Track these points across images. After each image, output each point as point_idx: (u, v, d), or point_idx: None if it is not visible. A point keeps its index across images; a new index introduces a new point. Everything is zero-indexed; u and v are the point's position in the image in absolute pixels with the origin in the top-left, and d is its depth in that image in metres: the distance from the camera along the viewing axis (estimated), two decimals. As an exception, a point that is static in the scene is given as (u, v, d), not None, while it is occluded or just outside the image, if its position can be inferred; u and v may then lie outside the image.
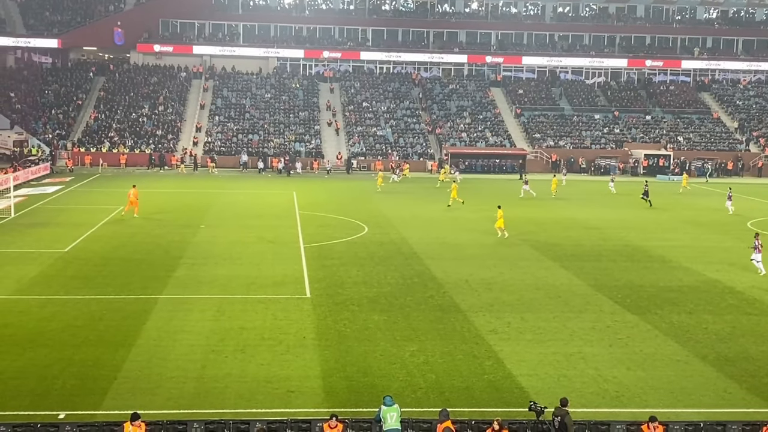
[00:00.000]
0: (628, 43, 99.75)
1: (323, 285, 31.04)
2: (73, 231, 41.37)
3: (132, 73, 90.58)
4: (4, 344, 23.28)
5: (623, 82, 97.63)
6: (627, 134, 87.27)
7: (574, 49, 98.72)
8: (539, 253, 38.09)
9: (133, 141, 79.32)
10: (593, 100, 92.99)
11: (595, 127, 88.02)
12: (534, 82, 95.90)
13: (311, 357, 22.72)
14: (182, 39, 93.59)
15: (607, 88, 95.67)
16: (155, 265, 34.07)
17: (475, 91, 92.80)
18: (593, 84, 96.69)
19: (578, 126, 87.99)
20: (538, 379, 21.44)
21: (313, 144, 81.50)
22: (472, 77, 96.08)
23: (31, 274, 31.88)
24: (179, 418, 17.63)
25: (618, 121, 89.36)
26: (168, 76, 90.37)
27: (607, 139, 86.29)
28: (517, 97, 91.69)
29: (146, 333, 24.60)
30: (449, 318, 26.90)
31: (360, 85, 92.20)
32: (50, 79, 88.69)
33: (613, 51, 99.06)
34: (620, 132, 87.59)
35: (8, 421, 17.21)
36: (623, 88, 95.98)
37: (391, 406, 16.91)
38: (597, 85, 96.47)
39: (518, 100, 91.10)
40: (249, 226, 44.23)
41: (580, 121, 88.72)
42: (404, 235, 42.16)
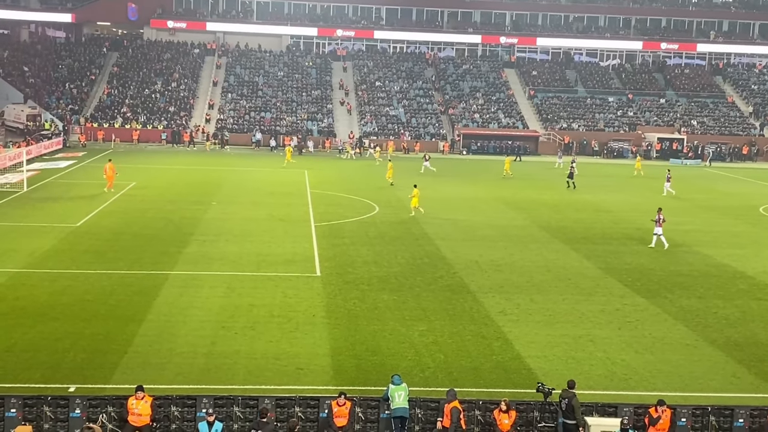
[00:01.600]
0: (643, 25, 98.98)
1: (333, 264, 31.10)
2: (85, 206, 41.53)
3: (145, 48, 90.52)
4: (16, 317, 23.45)
5: (638, 65, 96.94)
6: (641, 117, 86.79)
7: (589, 30, 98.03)
8: (550, 235, 38.04)
9: (145, 117, 79.39)
10: (607, 83, 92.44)
11: (608, 110, 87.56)
12: (548, 64, 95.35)
13: (320, 335, 22.81)
14: (196, 15, 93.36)
15: (621, 70, 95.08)
16: (166, 240, 34.20)
17: (488, 71, 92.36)
18: (608, 66, 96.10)
19: (591, 108, 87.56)
20: (547, 361, 21.48)
21: (325, 123, 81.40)
22: (486, 58, 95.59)
23: (43, 248, 32.05)
24: (188, 393, 17.74)
25: (632, 104, 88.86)
26: (181, 53, 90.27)
27: (621, 122, 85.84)
28: (530, 79, 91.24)
29: (157, 308, 24.74)
30: (458, 298, 26.93)
31: (373, 64, 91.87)
32: (64, 54, 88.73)
33: (629, 33, 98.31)
34: (634, 115, 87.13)
35: (20, 393, 17.34)
36: (638, 71, 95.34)
37: (399, 385, 16.98)
38: (611, 68, 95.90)
39: (532, 82, 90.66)
40: (260, 203, 44.29)
41: (593, 104, 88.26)
42: (415, 215, 42.12)
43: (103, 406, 16.61)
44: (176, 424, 16.83)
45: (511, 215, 43.41)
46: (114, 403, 16.65)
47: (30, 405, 16.62)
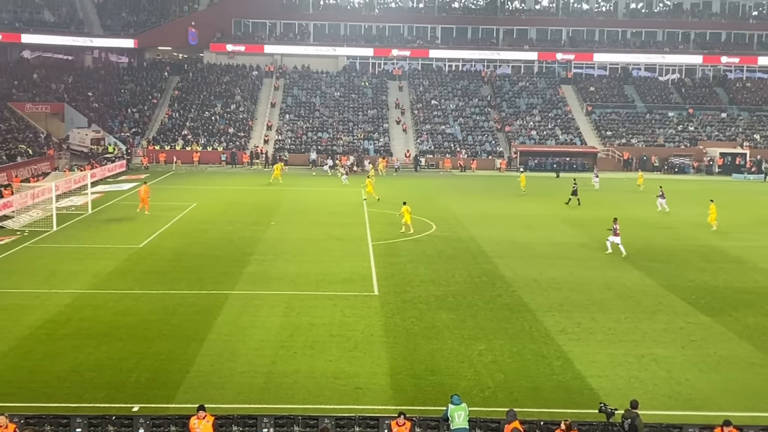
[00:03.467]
0: (702, 39, 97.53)
1: (391, 282, 31.13)
2: (147, 227, 42.30)
3: (205, 72, 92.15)
4: (81, 337, 23.94)
5: (698, 79, 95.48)
6: (702, 132, 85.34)
7: (648, 45, 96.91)
8: (610, 253, 37.52)
9: (205, 139, 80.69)
10: (667, 97, 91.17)
11: (668, 125, 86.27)
12: (606, 79, 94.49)
13: (379, 354, 22.83)
14: (254, 38, 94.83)
15: (681, 85, 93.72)
16: (227, 260, 34.63)
17: (545, 88, 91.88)
18: (667, 81, 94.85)
19: (651, 123, 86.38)
20: (609, 381, 21.16)
21: (381, 142, 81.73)
22: (543, 74, 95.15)
23: (107, 269, 32.71)
24: (249, 412, 17.90)
25: (692, 118, 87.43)
26: (240, 75, 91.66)
27: (681, 137, 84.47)
28: (588, 95, 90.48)
29: (218, 328, 25.03)
30: (518, 317, 26.73)
31: (429, 83, 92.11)
32: (126, 79, 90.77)
33: (688, 47, 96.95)
34: (695, 130, 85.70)
35: (85, 413, 17.68)
36: (698, 85, 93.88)
37: (459, 405, 16.88)
38: (671, 82, 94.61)
39: (589, 98, 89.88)
40: (318, 223, 44.60)
41: (653, 119, 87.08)
42: (472, 233, 41.99)
43: (166, 425, 16.85)
44: (237, 443, 16.97)
45: (569, 233, 42.99)
46: (177, 423, 16.87)
47: (95, 424, 16.93)
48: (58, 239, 39.23)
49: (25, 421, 16.88)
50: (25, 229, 41.25)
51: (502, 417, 17.15)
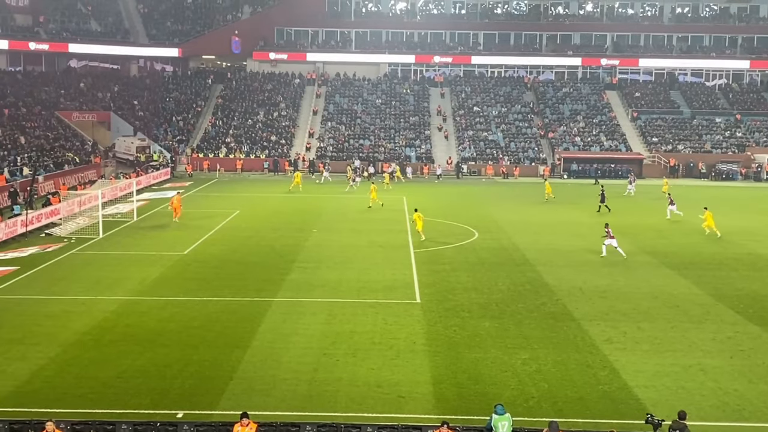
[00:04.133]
0: (750, 44, 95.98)
1: (433, 290, 31.01)
2: (192, 234, 42.69)
3: (248, 80, 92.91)
4: (126, 343, 24.19)
5: (746, 84, 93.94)
6: (750, 138, 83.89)
7: (694, 50, 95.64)
8: (656, 261, 37.02)
9: (248, 146, 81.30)
10: (714, 103, 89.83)
11: (715, 131, 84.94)
12: (651, 85, 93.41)
13: (421, 363, 22.72)
14: (296, 46, 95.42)
15: (728, 90, 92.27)
16: (269, 268, 34.78)
17: (589, 94, 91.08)
18: (714, 86, 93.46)
19: (698, 129, 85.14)
20: (655, 391, 20.82)
21: (423, 149, 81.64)
22: (587, 80, 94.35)
23: (152, 276, 33.04)
24: (292, 419, 17.91)
25: (740, 124, 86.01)
26: (282, 83, 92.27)
27: (729, 143, 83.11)
28: (633, 100, 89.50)
29: (261, 335, 25.12)
30: (562, 326, 26.44)
31: (471, 89, 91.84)
32: (171, 87, 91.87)
33: (735, 52, 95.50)
34: (742, 136, 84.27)
35: (130, 419, 17.83)
36: (746, 91, 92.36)
37: (503, 415, 16.72)
38: (718, 87, 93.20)
39: (635, 103, 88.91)
40: (359, 230, 44.63)
41: (699, 125, 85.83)
42: (515, 240, 41.70)
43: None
44: (280, 451, 16.98)
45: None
46: (220, 430, 16.94)
47: (140, 431, 17.05)
48: (104, 246, 39.75)
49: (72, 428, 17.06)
50: (72, 237, 41.87)
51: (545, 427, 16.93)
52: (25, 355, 22.97)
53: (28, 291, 30.60)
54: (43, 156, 64.39)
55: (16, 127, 68.31)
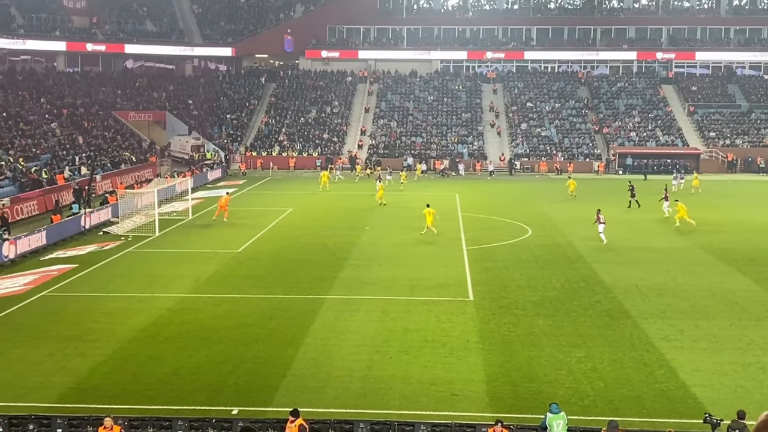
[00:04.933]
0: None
1: (486, 288, 30.82)
2: (245, 232, 43.06)
3: (300, 78, 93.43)
4: (182, 340, 24.49)
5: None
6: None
7: (752, 43, 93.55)
8: (714, 257, 36.32)
9: (301, 144, 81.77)
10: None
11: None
12: (708, 78, 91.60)
13: (475, 360, 22.59)
14: (348, 44, 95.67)
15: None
16: (322, 265, 34.92)
17: (645, 88, 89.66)
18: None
19: (756, 123, 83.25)
20: (714, 390, 20.42)
21: (475, 145, 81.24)
22: (642, 74, 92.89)
23: (207, 274, 33.41)
24: (345, 417, 17.94)
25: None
26: (334, 81, 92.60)
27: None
28: (690, 94, 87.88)
29: (314, 332, 25.22)
30: (618, 324, 26.07)
31: (524, 85, 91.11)
32: (225, 86, 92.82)
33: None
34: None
35: (186, 415, 18.03)
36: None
37: (558, 414, 16.54)
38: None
39: (691, 97, 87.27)
40: (412, 227, 44.49)
41: (758, 119, 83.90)
42: (569, 237, 41.26)
43: (264, 429, 17.01)
44: (334, 448, 17.03)
45: (671, 237, 41.81)
46: (275, 427, 17.02)
47: (195, 427, 17.24)
48: (160, 244, 40.32)
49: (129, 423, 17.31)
50: (128, 235, 42.54)
51: (602, 426, 16.71)
52: (83, 352, 23.39)
53: (86, 288, 31.17)
54: (100, 155, 65.57)
55: (75, 127, 69.66)
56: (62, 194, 52.06)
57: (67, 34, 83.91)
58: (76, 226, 42.66)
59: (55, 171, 56.98)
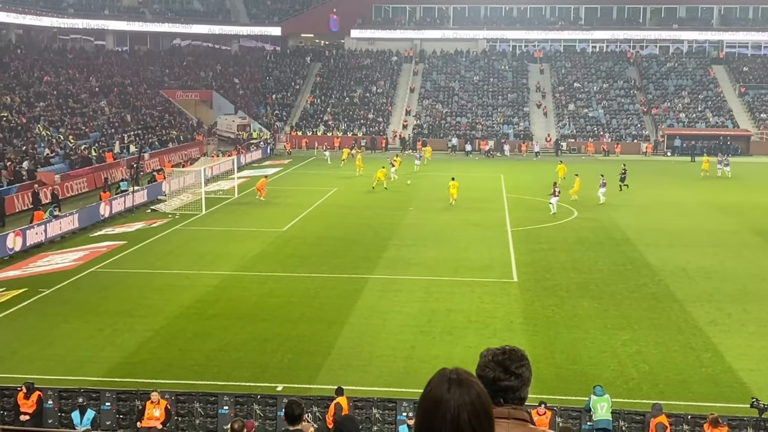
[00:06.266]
0: None
1: (531, 270, 30.70)
2: (290, 211, 43.34)
3: (346, 58, 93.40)
4: (228, 318, 24.81)
5: None
6: None
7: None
8: (764, 241, 35.74)
9: (346, 124, 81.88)
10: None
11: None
12: (760, 59, 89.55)
13: (518, 342, 22.44)
14: (393, 24, 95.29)
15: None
16: (366, 245, 35.04)
17: (695, 69, 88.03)
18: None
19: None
20: (762, 375, 20.18)
21: (521, 126, 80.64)
22: (692, 55, 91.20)
23: (253, 252, 33.73)
24: (388, 395, 18.05)
25: None
26: (380, 61, 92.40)
27: None
28: (741, 75, 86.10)
29: (357, 311, 25.38)
30: (664, 307, 25.82)
31: (571, 65, 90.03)
32: (271, 66, 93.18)
33: None
34: None
35: (232, 391, 18.31)
36: None
37: (602, 396, 16.50)
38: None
39: (743, 78, 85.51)
40: (456, 208, 44.42)
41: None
42: (616, 219, 40.86)
43: (308, 406, 17.20)
44: (377, 426, 17.17)
45: (721, 219, 41.17)
46: (318, 404, 17.22)
47: (241, 403, 17.50)
48: (207, 222, 40.78)
49: (176, 398, 17.62)
50: (176, 213, 43.07)
51: (647, 410, 16.64)
52: (132, 327, 23.82)
53: (134, 265, 31.68)
54: (148, 134, 66.34)
55: (123, 106, 70.56)
56: (111, 172, 52.84)
57: (116, 12, 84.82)
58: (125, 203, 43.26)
59: (104, 149, 57.82)
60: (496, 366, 3.79)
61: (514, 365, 3.80)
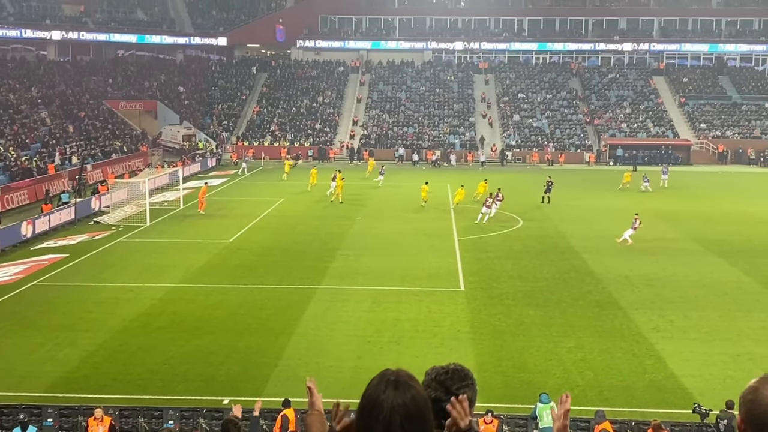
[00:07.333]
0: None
1: (477, 278, 30.91)
2: (237, 222, 43.02)
3: (292, 68, 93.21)
4: (174, 330, 24.51)
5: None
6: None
7: (743, 34, 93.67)
8: (704, 249, 36.49)
9: (293, 135, 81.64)
10: (764, 88, 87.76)
11: (765, 116, 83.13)
12: (699, 70, 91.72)
13: (466, 350, 22.68)
14: (340, 34, 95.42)
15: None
16: (314, 255, 34.94)
17: (636, 80, 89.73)
18: (764, 71, 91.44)
19: (747, 115, 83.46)
20: (703, 380, 20.58)
21: (467, 136, 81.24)
22: (633, 66, 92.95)
23: (198, 264, 33.40)
24: (336, 407, 17.95)
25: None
26: (326, 71, 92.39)
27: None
28: (681, 86, 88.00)
29: (305, 322, 25.28)
30: (608, 314, 26.21)
31: (515, 75, 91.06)
32: (216, 76, 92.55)
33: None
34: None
35: (177, 405, 18.07)
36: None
37: (548, 404, 16.66)
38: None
39: (682, 89, 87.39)
40: (403, 218, 44.60)
41: (749, 110, 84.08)
42: (561, 228, 41.38)
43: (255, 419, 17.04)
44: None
45: (662, 227, 41.94)
46: (266, 417, 17.07)
47: (187, 417, 17.29)
48: (151, 234, 40.27)
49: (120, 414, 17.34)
50: (119, 224, 42.46)
51: (591, 416, 16.82)
52: (74, 342, 23.39)
53: (77, 278, 31.14)
54: (90, 145, 65.29)
55: (66, 116, 69.38)
56: (53, 183, 51.86)
57: (57, 22, 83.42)
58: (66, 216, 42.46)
59: (45, 160, 56.75)
60: (438, 386, 3.79)
61: (456, 386, 3.79)
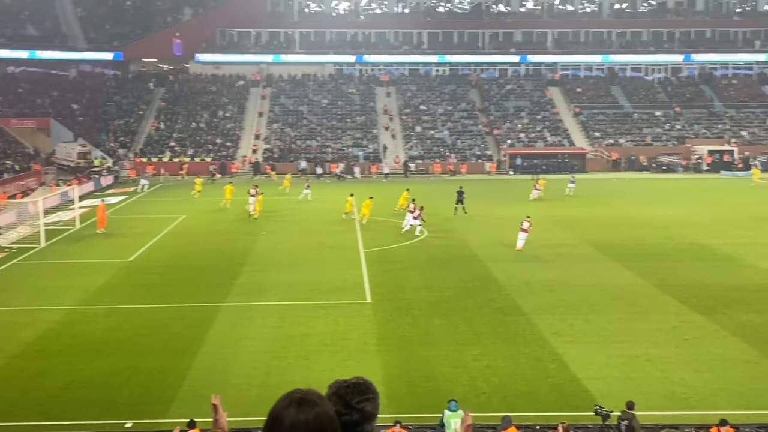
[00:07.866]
0: (687, 37, 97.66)
1: (384, 290, 31.03)
2: (137, 240, 42.07)
3: (191, 82, 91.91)
4: (73, 354, 23.76)
5: (684, 78, 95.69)
6: (689, 130, 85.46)
7: (633, 45, 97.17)
8: (602, 254, 37.54)
9: (193, 150, 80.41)
10: (653, 97, 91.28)
11: (656, 124, 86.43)
12: (592, 80, 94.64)
13: (373, 362, 22.71)
14: (239, 48, 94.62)
15: (667, 84, 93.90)
16: (218, 272, 34.45)
17: (532, 90, 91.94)
18: (653, 80, 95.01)
19: (638, 123, 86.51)
20: (604, 382, 21.12)
21: (371, 148, 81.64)
22: (529, 77, 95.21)
23: (97, 284, 32.49)
24: (243, 425, 17.73)
25: (679, 117, 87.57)
26: (226, 85, 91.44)
27: (669, 135, 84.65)
28: (575, 96, 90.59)
29: (210, 341, 24.88)
30: (511, 321, 26.66)
31: (416, 88, 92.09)
32: (112, 91, 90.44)
33: (673, 46, 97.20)
34: (682, 128, 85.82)
35: (78, 430, 17.51)
36: (684, 84, 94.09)
37: (455, 412, 16.81)
38: (657, 81, 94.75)
39: (577, 99, 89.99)
40: (309, 231, 44.44)
41: (640, 119, 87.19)
42: (465, 237, 41.95)
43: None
44: (233, 456, 16.81)
45: (561, 234, 42.98)
46: (171, 438, 16.71)
47: (88, 442, 16.76)
48: (47, 255, 38.99)
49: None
50: (12, 246, 40.98)
51: (498, 422, 17.05)
52: (-33, 369, 22.42)
53: (-32, 303, 29.85)
54: (-19, 164, 62.92)
55: (-47, 136, 66.70)
56: (-60, 206, 49.68)
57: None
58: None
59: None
60: (338, 400, 3.78)
61: (355, 399, 3.78)
